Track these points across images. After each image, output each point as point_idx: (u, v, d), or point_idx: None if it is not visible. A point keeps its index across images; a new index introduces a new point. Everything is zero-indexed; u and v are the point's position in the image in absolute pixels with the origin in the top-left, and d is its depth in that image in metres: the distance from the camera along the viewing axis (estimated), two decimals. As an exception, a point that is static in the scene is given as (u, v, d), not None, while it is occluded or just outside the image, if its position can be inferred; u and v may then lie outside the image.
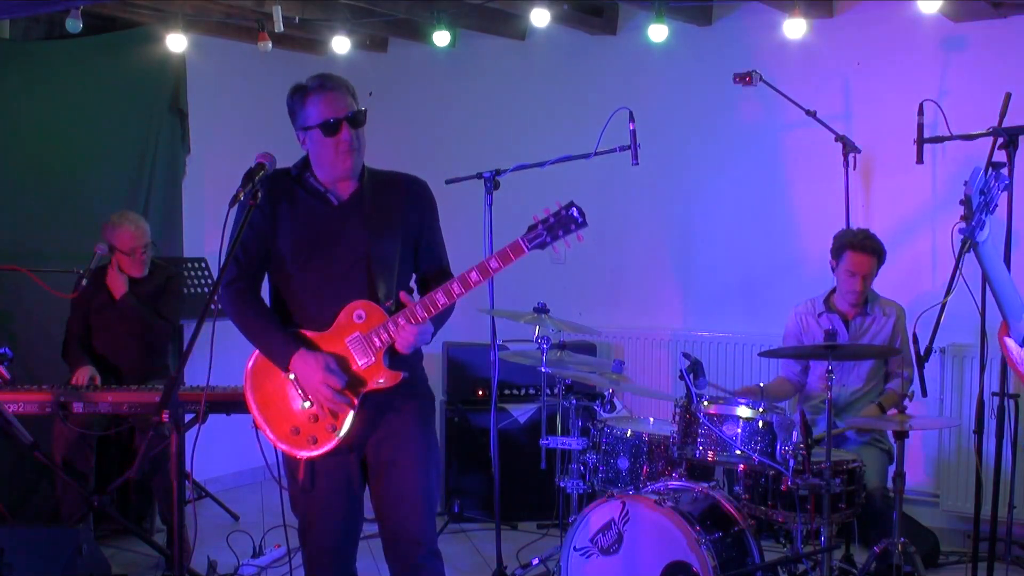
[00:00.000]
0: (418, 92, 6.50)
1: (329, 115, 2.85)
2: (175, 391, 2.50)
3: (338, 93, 2.89)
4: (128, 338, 4.72)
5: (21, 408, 4.13)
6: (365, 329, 2.85)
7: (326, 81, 2.91)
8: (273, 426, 2.94)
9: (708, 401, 3.78)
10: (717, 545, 3.55)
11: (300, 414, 2.90)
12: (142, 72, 5.53)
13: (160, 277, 4.82)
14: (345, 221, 2.92)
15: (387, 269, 2.92)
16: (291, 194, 2.93)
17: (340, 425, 2.87)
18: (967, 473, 4.84)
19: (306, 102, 2.88)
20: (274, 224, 2.91)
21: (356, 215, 2.92)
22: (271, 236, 2.92)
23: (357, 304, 2.86)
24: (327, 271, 2.90)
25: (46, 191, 5.19)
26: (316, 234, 2.91)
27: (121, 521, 4.64)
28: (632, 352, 5.77)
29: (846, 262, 4.33)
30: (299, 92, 2.92)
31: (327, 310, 2.88)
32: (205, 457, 3.01)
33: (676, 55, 5.59)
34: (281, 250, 2.93)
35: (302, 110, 2.90)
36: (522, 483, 5.09)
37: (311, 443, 2.89)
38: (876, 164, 5.14)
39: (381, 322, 2.84)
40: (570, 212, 2.76)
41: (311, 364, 2.83)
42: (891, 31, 5.10)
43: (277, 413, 2.93)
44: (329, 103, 2.87)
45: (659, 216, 5.84)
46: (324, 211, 2.92)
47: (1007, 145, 3.71)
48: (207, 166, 5.92)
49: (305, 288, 2.92)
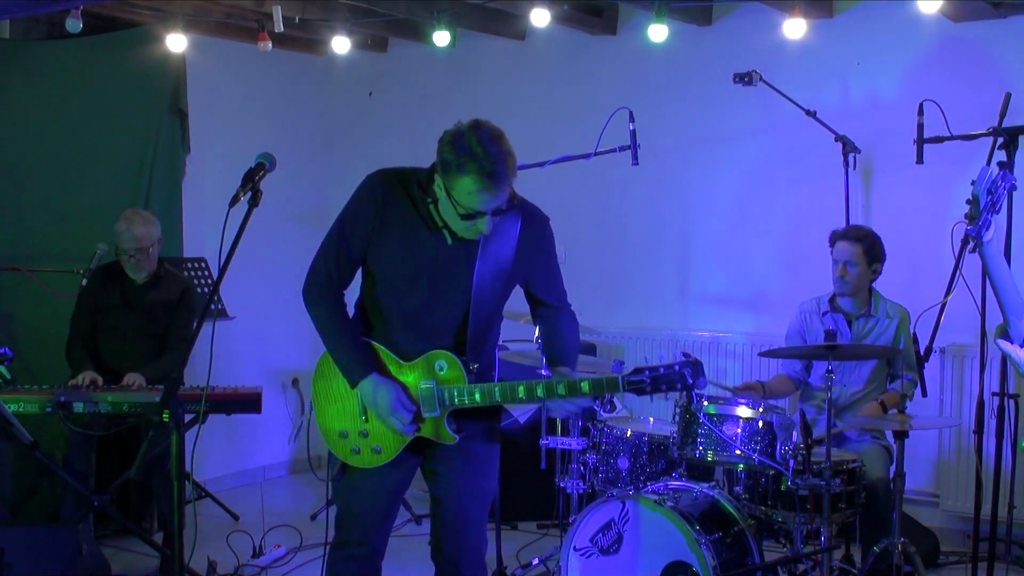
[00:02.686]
0: (418, 92, 6.50)
1: (477, 208, 2.66)
2: (175, 391, 2.50)
3: (499, 191, 2.65)
4: (134, 342, 4.67)
5: (21, 408, 4.13)
6: (443, 381, 2.81)
7: (493, 177, 2.61)
8: (324, 419, 2.93)
9: (708, 401, 3.79)
10: (717, 545, 3.55)
11: (353, 423, 2.89)
12: (142, 72, 5.52)
13: (175, 288, 4.75)
14: (456, 259, 2.81)
15: (485, 319, 2.86)
16: (404, 211, 2.80)
17: (386, 453, 2.86)
18: (967, 473, 4.84)
19: (461, 178, 2.62)
20: (380, 232, 2.81)
21: (467, 259, 2.81)
22: (372, 243, 2.83)
23: (441, 355, 2.81)
24: (422, 306, 2.83)
25: (46, 191, 5.19)
26: (420, 266, 2.81)
27: (121, 521, 4.64)
28: (632, 352, 5.77)
29: (832, 252, 4.37)
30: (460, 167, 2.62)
31: (411, 343, 2.83)
32: (205, 457, 3.01)
33: (676, 55, 5.59)
34: (380, 263, 2.84)
35: (453, 179, 2.64)
36: (522, 483, 5.08)
37: (353, 453, 2.89)
38: (876, 164, 5.14)
39: (457, 383, 2.80)
40: (683, 371, 2.64)
41: (382, 390, 2.79)
42: (891, 31, 5.09)
43: (333, 410, 2.92)
44: (485, 200, 2.64)
45: (659, 216, 5.84)
46: (435, 245, 2.81)
47: (1007, 145, 3.71)
48: (207, 166, 5.92)
49: (395, 312, 2.86)
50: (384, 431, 2.86)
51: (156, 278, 4.72)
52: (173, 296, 4.73)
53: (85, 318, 4.69)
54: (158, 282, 4.72)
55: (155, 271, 4.70)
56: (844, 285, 4.33)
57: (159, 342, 4.70)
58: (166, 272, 4.79)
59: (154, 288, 4.71)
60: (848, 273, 4.30)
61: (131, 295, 4.69)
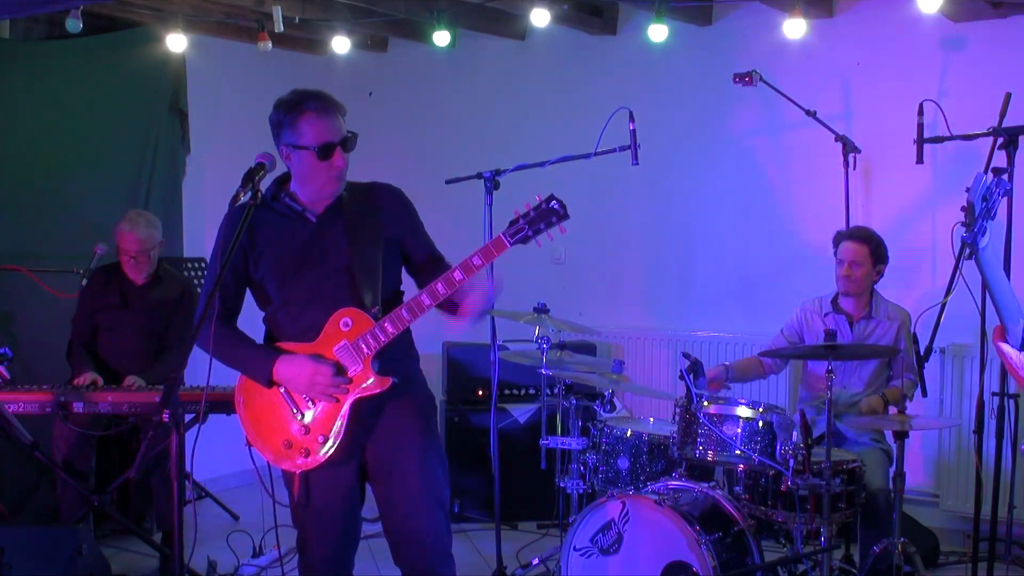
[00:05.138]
0: (418, 92, 6.50)
1: (326, 139, 2.81)
2: (175, 391, 2.50)
3: (335, 116, 2.84)
4: (133, 342, 4.67)
5: (21, 408, 4.13)
6: (352, 336, 2.83)
7: (325, 102, 2.84)
8: (265, 441, 2.92)
9: (708, 401, 3.78)
10: (717, 545, 3.54)
11: (291, 426, 2.89)
12: (142, 72, 5.52)
13: (174, 289, 4.76)
14: (324, 234, 2.91)
15: (370, 276, 2.90)
16: (265, 220, 2.90)
17: (331, 435, 2.85)
18: (967, 473, 4.84)
19: (300, 120, 2.81)
20: (252, 254, 2.90)
21: (335, 227, 2.91)
22: (249, 269, 2.92)
23: (343, 312, 2.84)
24: (311, 285, 2.89)
25: (46, 191, 5.19)
26: (297, 253, 2.90)
27: (121, 521, 4.64)
28: (632, 352, 5.77)
29: (837, 252, 4.36)
30: (292, 109, 2.83)
31: (315, 324, 2.86)
32: (205, 457, 3.00)
33: (676, 55, 5.59)
34: (264, 278, 2.92)
35: (293, 127, 2.83)
36: (522, 483, 5.08)
37: (304, 456, 2.88)
38: (876, 164, 5.14)
39: (368, 328, 2.83)
40: (551, 205, 2.75)
41: (296, 365, 2.82)
42: (891, 31, 5.10)
43: (269, 428, 2.92)
44: (327, 126, 2.82)
45: (659, 216, 5.84)
46: (303, 229, 2.91)
47: (1007, 145, 3.71)
48: (207, 166, 5.92)
49: (291, 306, 2.92)
50: (321, 414, 2.86)
51: (156, 278, 4.72)
52: (173, 296, 4.73)
53: (85, 318, 4.70)
54: (158, 282, 4.72)
55: (155, 271, 4.71)
56: (849, 285, 4.32)
57: (158, 342, 4.71)
58: (166, 272, 4.79)
59: (154, 288, 4.71)
60: (853, 273, 4.30)
61: (131, 295, 4.69)
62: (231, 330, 2.96)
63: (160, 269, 4.74)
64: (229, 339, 2.92)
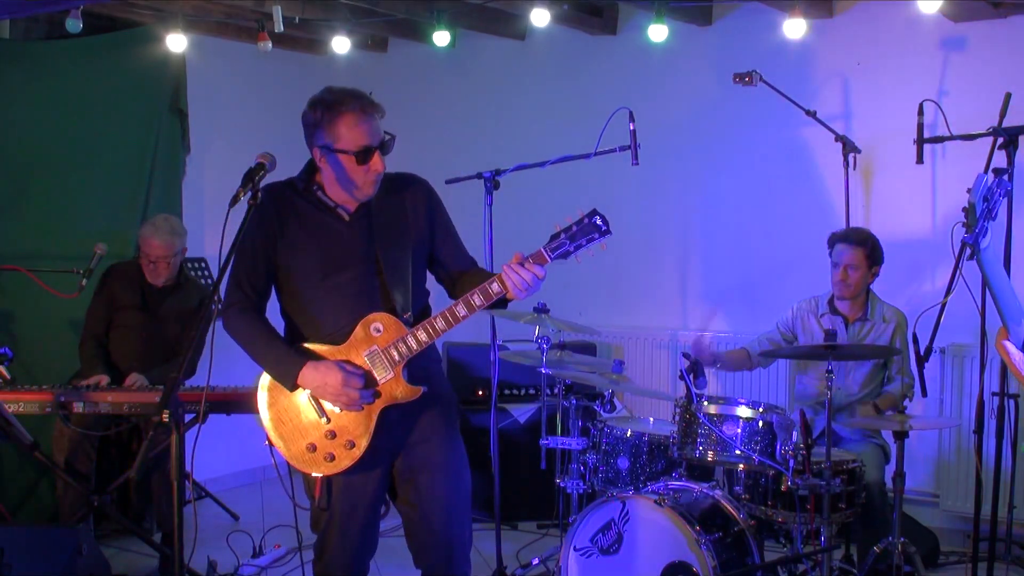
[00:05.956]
0: (418, 92, 6.50)
1: (365, 142, 2.73)
2: (175, 391, 2.50)
3: (375, 118, 2.76)
4: (144, 344, 4.63)
5: (21, 408, 4.13)
6: (384, 343, 2.77)
7: (364, 103, 2.75)
8: (288, 443, 2.85)
9: (708, 401, 3.78)
10: (717, 545, 3.55)
11: (317, 431, 2.82)
12: (142, 72, 5.52)
13: (194, 296, 4.74)
14: (357, 234, 2.84)
15: (401, 279, 2.84)
16: (298, 209, 2.85)
17: (358, 442, 2.79)
18: (967, 473, 4.84)
19: (338, 122, 2.72)
20: (282, 242, 2.84)
21: (366, 227, 2.85)
22: (277, 254, 2.85)
23: (374, 317, 2.78)
24: (342, 286, 2.82)
25: (46, 191, 5.19)
26: (328, 250, 2.83)
27: (121, 521, 4.64)
28: (632, 352, 5.77)
29: (832, 255, 4.35)
30: (329, 109, 2.73)
31: (342, 325, 2.80)
32: (205, 457, 3.00)
33: (676, 55, 5.59)
34: (290, 267, 2.85)
35: (330, 129, 2.74)
36: (522, 483, 5.09)
37: (328, 461, 2.81)
38: (876, 164, 5.14)
39: (400, 335, 2.76)
40: (593, 220, 2.72)
41: (324, 371, 2.74)
42: (891, 31, 5.10)
43: (292, 429, 2.85)
44: (366, 129, 2.73)
45: (659, 216, 5.84)
46: (335, 226, 2.85)
47: (1007, 145, 3.71)
48: (207, 166, 5.92)
49: (318, 304, 2.85)
50: (348, 420, 2.80)
51: (176, 285, 4.70)
52: (191, 304, 4.70)
53: (101, 314, 4.67)
54: (178, 289, 4.70)
55: (176, 277, 4.68)
56: (845, 288, 4.31)
57: (169, 348, 4.66)
58: (187, 280, 4.78)
59: (173, 295, 4.69)
60: (849, 277, 4.29)
61: (150, 298, 4.67)
62: (264, 325, 2.88)
63: (182, 276, 4.72)
64: (262, 335, 2.84)
